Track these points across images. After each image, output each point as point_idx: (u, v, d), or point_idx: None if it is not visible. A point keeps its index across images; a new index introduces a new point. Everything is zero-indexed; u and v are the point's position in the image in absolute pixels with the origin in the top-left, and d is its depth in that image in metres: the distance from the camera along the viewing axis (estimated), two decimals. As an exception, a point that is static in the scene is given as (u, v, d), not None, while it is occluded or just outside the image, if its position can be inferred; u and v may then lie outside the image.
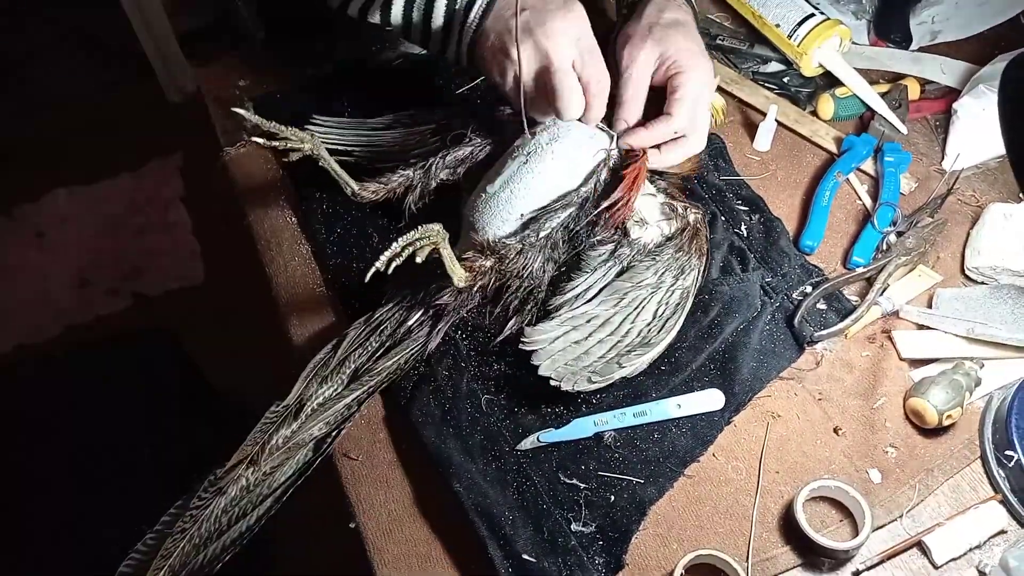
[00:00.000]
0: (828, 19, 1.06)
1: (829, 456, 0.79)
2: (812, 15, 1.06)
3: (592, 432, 0.79)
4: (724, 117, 1.04)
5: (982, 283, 0.90)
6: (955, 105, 1.02)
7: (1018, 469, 0.75)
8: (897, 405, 0.82)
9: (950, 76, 1.09)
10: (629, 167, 0.83)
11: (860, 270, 0.89)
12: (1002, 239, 0.90)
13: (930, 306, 0.88)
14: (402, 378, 0.82)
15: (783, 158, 1.02)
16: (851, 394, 0.83)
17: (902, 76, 1.09)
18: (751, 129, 1.03)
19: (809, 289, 0.88)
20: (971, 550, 0.73)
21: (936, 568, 0.73)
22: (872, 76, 1.08)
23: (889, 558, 0.74)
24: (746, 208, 0.96)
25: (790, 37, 1.06)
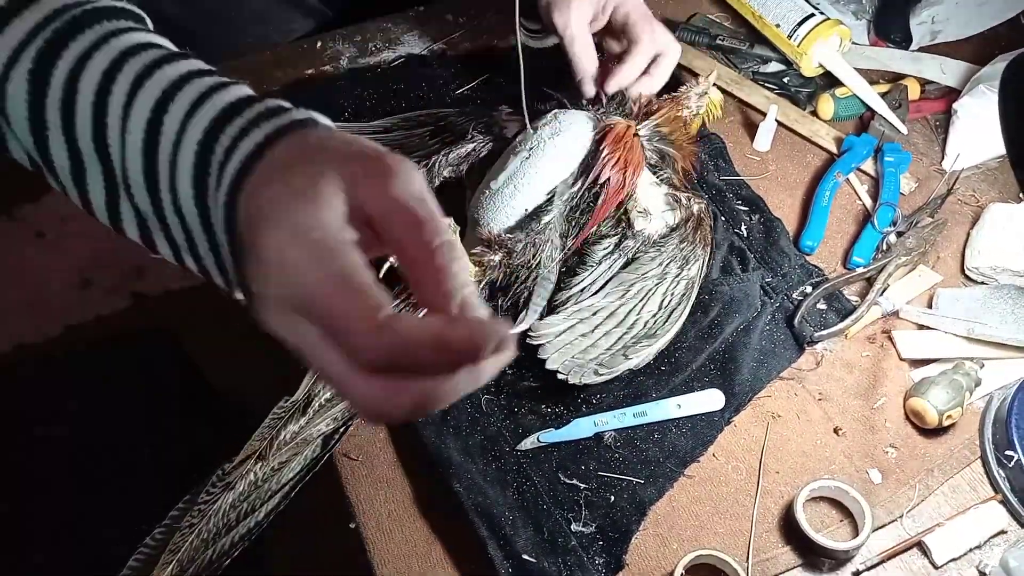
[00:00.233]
0: (828, 19, 1.06)
1: (829, 456, 0.79)
2: (812, 15, 1.06)
3: (592, 432, 0.79)
4: (722, 112, 1.02)
5: (982, 283, 0.90)
6: (955, 105, 1.02)
7: (1018, 469, 0.75)
8: (897, 405, 0.82)
9: (950, 76, 1.09)
10: (606, 135, 0.84)
11: (860, 270, 0.89)
12: (1002, 239, 0.90)
13: (930, 306, 0.88)
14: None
15: (783, 158, 1.02)
16: (851, 394, 0.83)
17: (902, 76, 1.09)
18: (751, 129, 1.03)
19: (809, 289, 0.88)
20: (971, 550, 0.73)
21: (936, 568, 0.73)
22: (872, 76, 1.08)
23: (889, 558, 0.73)
24: (746, 208, 0.96)
25: (790, 37, 1.06)
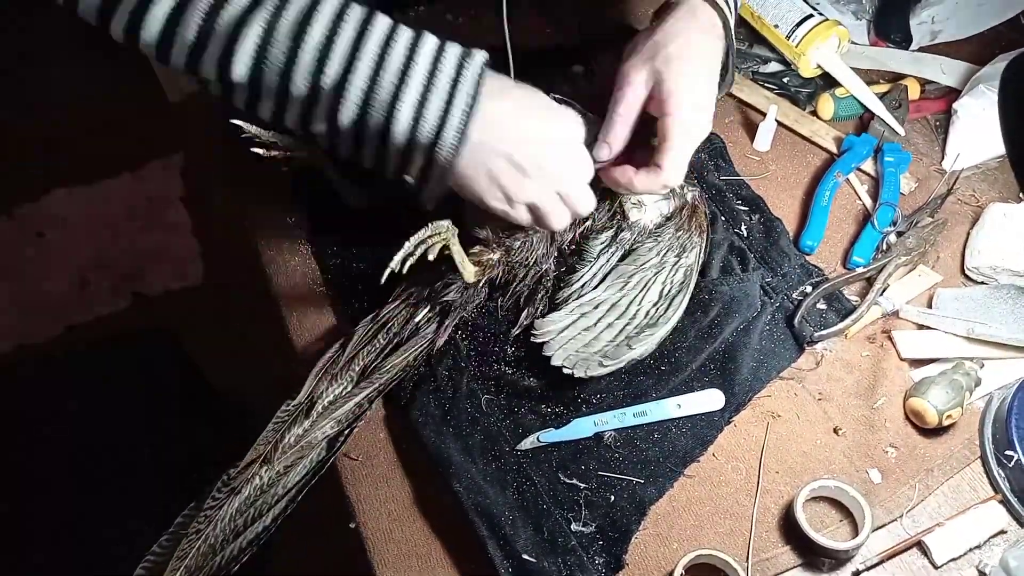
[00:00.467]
0: (826, 20, 1.06)
1: (829, 456, 0.79)
2: (811, 16, 1.06)
3: (592, 432, 0.79)
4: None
5: (982, 283, 0.90)
6: (955, 105, 1.02)
7: (1018, 469, 0.75)
8: (897, 405, 0.82)
9: (950, 76, 1.09)
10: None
11: (860, 270, 0.89)
12: (1002, 239, 0.90)
13: (930, 306, 0.88)
14: (402, 379, 0.82)
15: (783, 158, 1.02)
16: (851, 394, 0.83)
17: (902, 76, 1.09)
18: (751, 129, 1.03)
19: (809, 289, 0.88)
20: (971, 550, 0.73)
21: (936, 568, 0.73)
22: (872, 76, 1.09)
23: (889, 558, 0.74)
24: (746, 208, 0.96)
25: (788, 38, 1.06)
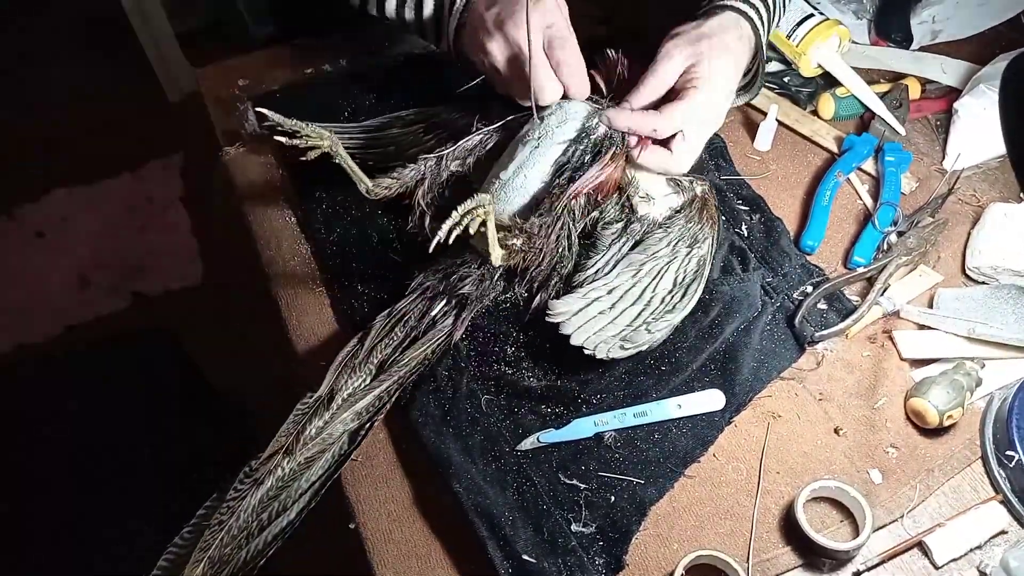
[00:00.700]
0: (827, 19, 1.06)
1: (830, 456, 0.79)
2: (811, 15, 1.06)
3: (592, 432, 0.79)
4: None
5: (983, 283, 0.90)
6: (956, 105, 1.02)
7: (1019, 469, 0.75)
8: (898, 405, 0.81)
9: (951, 76, 1.09)
10: (611, 151, 0.84)
11: (861, 270, 0.89)
12: (1003, 239, 0.90)
13: (931, 306, 0.88)
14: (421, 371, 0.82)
15: (784, 158, 1.02)
16: (852, 394, 0.82)
17: (903, 75, 1.09)
18: (751, 129, 1.03)
19: (810, 289, 0.88)
20: (972, 551, 0.73)
21: (937, 569, 0.73)
22: (873, 76, 1.08)
23: (890, 558, 0.73)
24: (746, 208, 0.96)
25: (789, 37, 1.06)
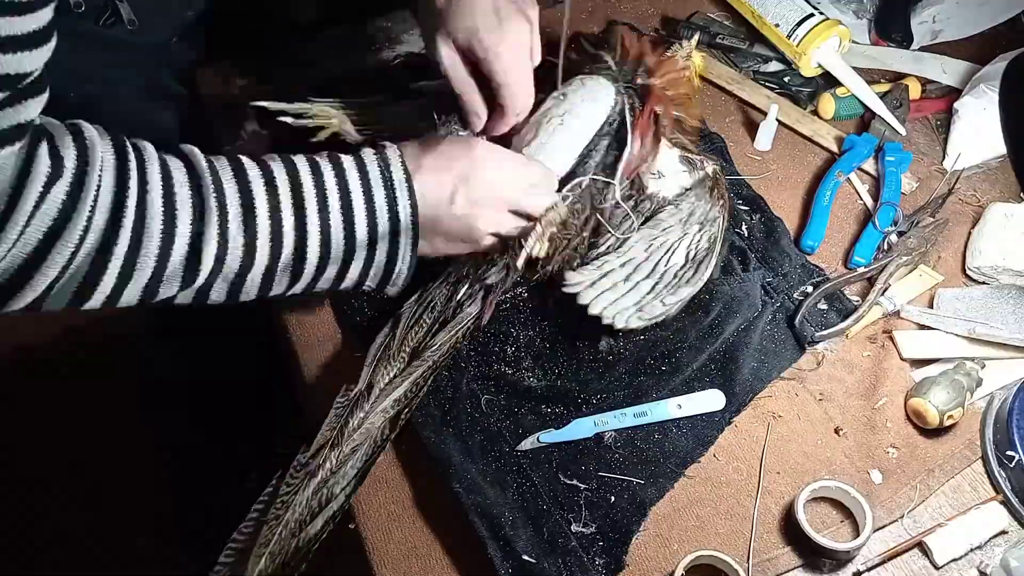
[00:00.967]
0: (827, 19, 1.06)
1: (830, 456, 0.78)
2: (811, 15, 1.06)
3: (592, 432, 0.78)
4: (698, 80, 1.00)
5: (983, 283, 0.90)
6: (956, 104, 1.02)
7: (1019, 469, 0.75)
8: (898, 405, 0.81)
9: (951, 75, 1.09)
10: (641, 113, 0.85)
11: (861, 270, 0.89)
12: (1003, 239, 0.90)
13: (931, 306, 0.88)
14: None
15: (784, 158, 1.02)
16: (852, 394, 0.82)
17: (903, 75, 1.09)
18: (752, 129, 1.03)
19: (810, 289, 0.88)
20: (972, 551, 0.73)
21: (937, 569, 0.73)
22: (873, 75, 1.08)
23: (890, 559, 0.73)
24: (747, 208, 0.95)
25: (789, 37, 1.06)
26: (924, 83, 1.08)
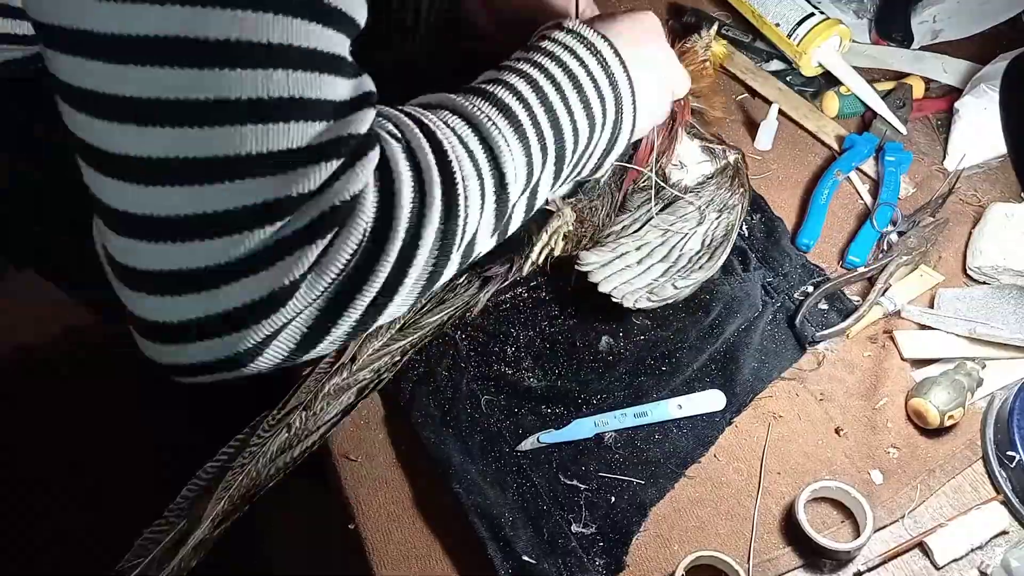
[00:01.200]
0: (828, 18, 1.06)
1: (831, 457, 0.78)
2: (812, 14, 1.06)
3: (592, 433, 0.78)
4: (716, 67, 1.02)
5: (984, 283, 0.90)
6: (957, 104, 1.02)
7: (1020, 470, 0.75)
8: (899, 405, 0.81)
9: (952, 75, 1.09)
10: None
11: (862, 270, 0.89)
12: (1004, 239, 0.90)
13: (932, 306, 0.88)
14: (401, 379, 0.82)
15: (784, 157, 1.02)
16: (852, 394, 0.82)
17: (904, 75, 1.09)
18: (752, 129, 1.03)
19: (810, 289, 0.88)
20: (973, 551, 0.73)
21: (938, 569, 0.73)
22: (874, 75, 1.08)
23: (891, 559, 0.73)
24: (747, 209, 0.95)
25: (789, 36, 1.06)
26: (926, 83, 1.08)
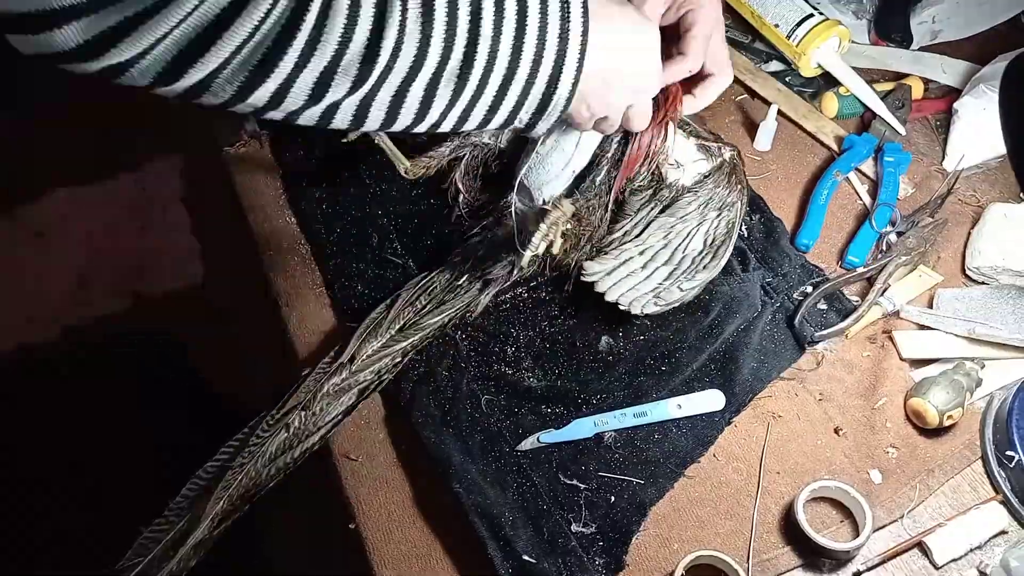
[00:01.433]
0: (827, 19, 1.06)
1: (830, 456, 0.79)
2: (811, 15, 1.06)
3: (592, 433, 0.78)
4: None
5: (983, 283, 0.90)
6: (956, 105, 1.02)
7: (1019, 469, 0.75)
8: (898, 405, 0.81)
9: (951, 76, 1.09)
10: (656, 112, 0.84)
11: (861, 270, 0.89)
12: (1003, 239, 0.90)
13: (931, 306, 0.88)
14: (402, 379, 0.82)
15: (784, 158, 1.02)
16: (852, 394, 0.82)
17: (904, 75, 1.09)
18: (751, 129, 1.03)
19: (810, 289, 0.88)
20: (972, 551, 0.73)
21: (937, 569, 0.73)
22: (873, 75, 1.08)
23: (890, 559, 0.73)
24: (746, 208, 0.95)
25: (789, 37, 1.06)
26: (925, 83, 1.08)
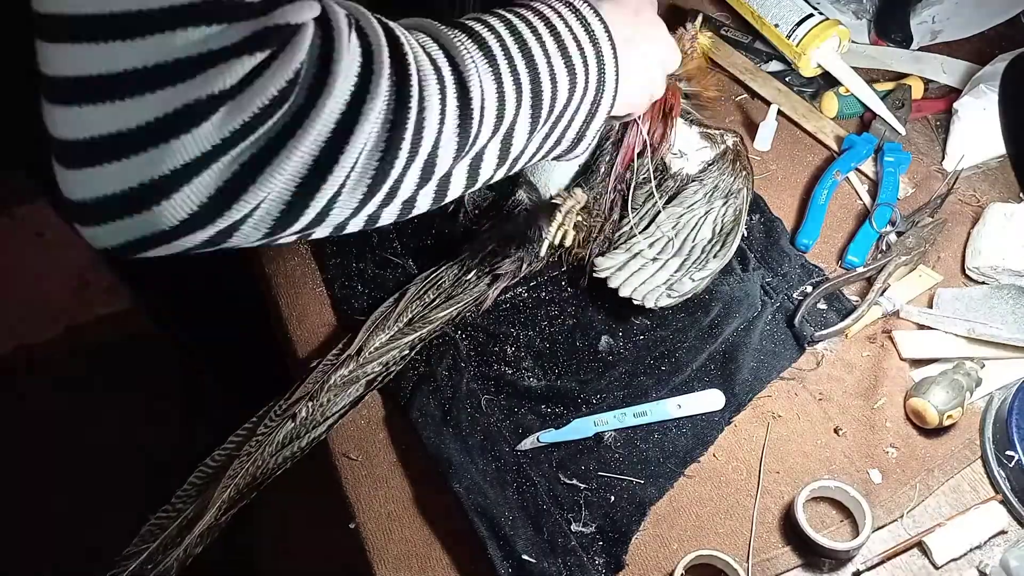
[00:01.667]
0: (827, 19, 1.06)
1: (830, 456, 0.79)
2: (811, 15, 1.06)
3: (592, 432, 0.79)
4: (707, 56, 1.02)
5: (983, 283, 0.90)
6: (956, 105, 1.02)
7: (1018, 469, 0.75)
8: (898, 405, 0.81)
9: (951, 75, 1.09)
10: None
11: (860, 270, 0.89)
12: (1003, 239, 0.90)
13: (931, 306, 0.88)
14: (401, 378, 0.82)
15: (784, 158, 1.02)
16: (851, 394, 0.82)
17: (904, 75, 1.09)
18: (751, 129, 1.03)
19: (809, 289, 0.88)
20: (971, 550, 0.73)
21: (937, 568, 0.73)
22: (873, 75, 1.08)
23: (889, 558, 0.73)
24: (752, 194, 0.95)
25: (789, 37, 1.06)
26: (925, 83, 1.08)
